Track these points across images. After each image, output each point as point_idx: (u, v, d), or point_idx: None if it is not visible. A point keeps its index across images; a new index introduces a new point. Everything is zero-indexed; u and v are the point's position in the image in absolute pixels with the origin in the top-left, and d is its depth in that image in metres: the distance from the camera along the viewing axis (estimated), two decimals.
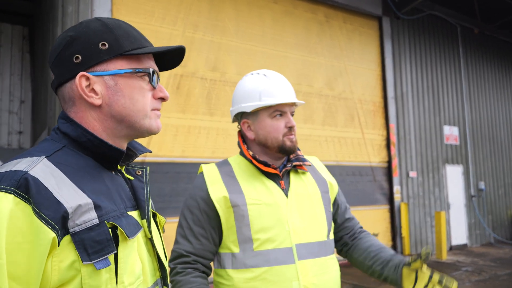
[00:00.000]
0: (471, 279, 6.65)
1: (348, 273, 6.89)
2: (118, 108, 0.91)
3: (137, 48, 0.93)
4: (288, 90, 1.57)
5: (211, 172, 1.56)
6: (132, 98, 0.92)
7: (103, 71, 0.90)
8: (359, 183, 8.45)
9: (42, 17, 8.07)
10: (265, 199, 1.48)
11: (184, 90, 6.47)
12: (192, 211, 1.50)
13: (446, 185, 9.98)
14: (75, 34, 0.91)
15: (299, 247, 1.45)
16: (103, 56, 0.89)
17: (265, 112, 1.54)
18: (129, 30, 0.95)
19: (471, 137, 10.81)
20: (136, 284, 0.88)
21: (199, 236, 1.48)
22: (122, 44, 0.91)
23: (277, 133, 1.53)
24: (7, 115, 9.01)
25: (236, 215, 1.46)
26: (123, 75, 0.91)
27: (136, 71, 0.92)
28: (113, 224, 0.84)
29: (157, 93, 0.97)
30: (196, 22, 6.69)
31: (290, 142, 1.54)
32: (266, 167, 1.53)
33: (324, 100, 8.13)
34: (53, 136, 0.92)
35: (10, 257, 0.71)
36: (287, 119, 1.54)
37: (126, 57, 0.92)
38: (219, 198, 1.48)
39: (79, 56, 0.89)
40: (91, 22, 0.93)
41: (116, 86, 0.90)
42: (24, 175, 0.76)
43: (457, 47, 10.76)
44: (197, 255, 1.48)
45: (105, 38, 0.90)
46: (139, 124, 0.94)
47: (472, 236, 10.41)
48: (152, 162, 6.03)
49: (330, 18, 8.44)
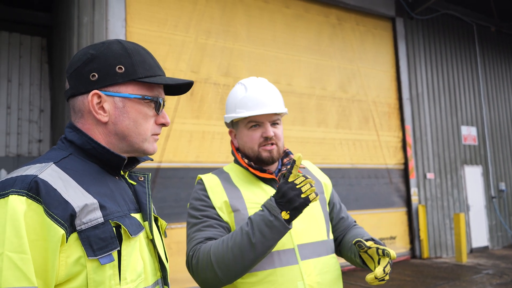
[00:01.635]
0: (492, 282, 6.51)
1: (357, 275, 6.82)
2: (121, 127, 0.98)
3: (150, 76, 1.00)
4: (266, 100, 1.56)
5: (210, 180, 1.58)
6: (136, 122, 0.99)
7: (115, 92, 0.97)
8: (375, 186, 8.37)
9: (59, 28, 8.27)
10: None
11: (198, 96, 6.53)
12: (202, 209, 1.51)
13: (465, 186, 9.80)
14: (96, 53, 0.98)
15: (301, 247, 1.48)
16: (118, 79, 0.97)
17: (242, 123, 1.59)
18: (146, 57, 1.02)
19: (490, 137, 10.60)
20: (137, 281, 0.94)
21: (216, 225, 1.47)
22: (137, 70, 0.98)
23: (252, 143, 1.56)
24: (27, 124, 9.23)
25: (237, 219, 1.48)
26: (132, 100, 0.99)
27: (145, 98, 0.99)
28: (117, 223, 0.91)
29: (159, 119, 1.04)
30: (208, 28, 6.77)
31: (266, 152, 1.55)
32: (262, 172, 1.56)
33: (337, 103, 8.10)
34: (59, 145, 1.00)
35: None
36: (263, 129, 1.55)
37: (139, 83, 0.99)
38: (221, 204, 1.50)
39: (96, 75, 0.96)
40: (112, 43, 1.01)
41: (123, 108, 0.98)
42: (34, 178, 0.83)
43: (473, 46, 10.59)
44: (216, 239, 1.44)
45: (122, 62, 0.98)
46: (138, 146, 1.01)
47: (493, 238, 10.19)
48: (167, 168, 6.10)
49: (342, 21, 8.42)
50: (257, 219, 1.33)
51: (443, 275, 7.03)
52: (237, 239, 1.33)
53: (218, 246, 1.35)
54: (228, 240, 1.35)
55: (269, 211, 1.31)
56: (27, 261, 0.76)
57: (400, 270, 7.45)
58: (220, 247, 1.34)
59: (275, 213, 1.30)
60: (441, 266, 7.90)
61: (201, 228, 1.47)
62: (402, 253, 8.58)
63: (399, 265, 7.93)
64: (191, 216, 1.53)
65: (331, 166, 7.64)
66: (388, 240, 8.35)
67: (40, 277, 0.79)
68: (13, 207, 0.78)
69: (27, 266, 0.76)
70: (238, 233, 1.34)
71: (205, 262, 1.36)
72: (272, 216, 1.30)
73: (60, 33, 8.05)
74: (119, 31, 5.78)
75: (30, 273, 0.76)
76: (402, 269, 7.55)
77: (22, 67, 9.33)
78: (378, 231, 8.19)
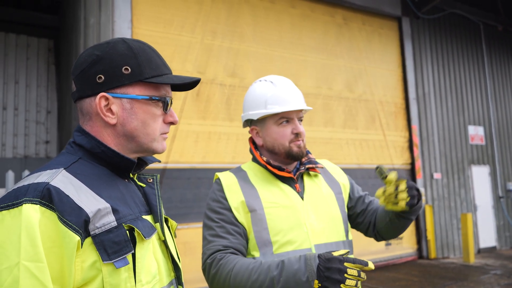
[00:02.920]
0: (500, 282, 6.46)
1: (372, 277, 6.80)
2: (130, 129, 0.98)
3: (157, 75, 0.99)
4: (294, 97, 1.58)
5: (228, 178, 1.58)
6: (144, 123, 0.99)
7: (122, 94, 0.97)
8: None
9: (66, 29, 8.32)
10: (282, 202, 1.51)
11: (204, 97, 6.54)
12: (219, 211, 1.50)
13: (472, 186, 9.73)
14: (102, 54, 0.97)
15: (318, 247, 1.47)
16: (124, 80, 0.96)
17: (271, 120, 1.57)
18: (152, 56, 1.01)
19: (497, 137, 10.52)
20: (152, 283, 0.94)
21: (233, 232, 1.46)
22: (143, 71, 0.97)
23: (284, 139, 1.56)
24: (34, 125, 9.30)
25: (254, 219, 1.48)
26: (140, 101, 0.98)
27: (153, 99, 0.99)
28: (130, 226, 0.91)
29: (167, 118, 1.04)
30: (214, 29, 6.78)
31: (297, 148, 1.56)
32: (281, 171, 1.56)
33: (344, 102, 8.08)
34: (68, 150, 0.99)
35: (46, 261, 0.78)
36: (293, 125, 1.57)
37: (145, 83, 0.99)
38: (237, 204, 1.50)
39: (102, 77, 0.96)
40: (117, 43, 1.00)
41: (131, 109, 0.97)
42: (46, 186, 0.83)
43: (480, 45, 10.52)
44: (235, 249, 1.44)
45: (128, 63, 0.97)
46: (147, 146, 1.01)
47: (501, 238, 10.11)
48: (174, 169, 6.12)
49: (348, 20, 8.40)
50: (289, 270, 1.25)
51: (451, 276, 6.99)
52: (261, 277, 1.30)
53: (240, 270, 1.34)
54: (252, 272, 1.32)
55: (306, 269, 1.22)
56: (43, 269, 0.77)
57: (407, 271, 7.41)
58: (242, 274, 1.33)
59: (310, 276, 1.21)
60: (448, 266, 7.85)
61: (219, 233, 1.46)
62: (409, 253, 8.54)
63: (406, 266, 7.89)
64: (208, 218, 1.53)
65: (337, 166, 7.61)
66: (395, 241, 8.32)
67: (57, 284, 0.79)
68: (28, 216, 0.78)
69: (43, 275, 0.76)
70: (264, 271, 1.30)
71: (224, 279, 1.37)
72: (305, 277, 1.22)
73: (67, 35, 8.10)
74: (125, 32, 5.80)
75: (47, 281, 0.77)
76: (409, 270, 7.51)
77: (30, 69, 9.39)
78: None
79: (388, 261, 8.08)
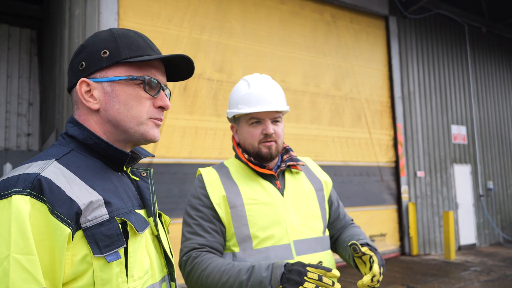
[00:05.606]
0: (480, 279, 6.60)
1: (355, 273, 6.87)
2: (113, 113, 0.95)
3: (137, 56, 0.96)
4: (268, 98, 1.57)
5: (210, 175, 1.60)
6: (127, 105, 0.95)
7: (102, 78, 0.95)
8: (367, 183, 8.42)
9: (50, 20, 8.13)
10: (263, 198, 1.53)
11: (191, 92, 6.49)
12: (198, 208, 1.53)
13: (454, 184, 9.92)
14: (85, 43, 0.98)
15: (296, 243, 1.50)
16: (102, 63, 0.94)
17: (243, 119, 1.60)
18: (135, 39, 0.98)
19: (479, 136, 10.73)
20: (145, 278, 0.92)
21: (210, 230, 1.49)
22: (121, 52, 0.95)
23: (253, 140, 1.58)
24: (15, 117, 9.09)
25: (234, 216, 1.50)
26: (119, 82, 0.95)
27: (131, 78, 0.95)
28: (123, 220, 0.89)
29: (157, 102, 0.99)
30: (203, 23, 6.71)
31: (266, 149, 1.57)
32: (262, 168, 1.58)
33: (331, 100, 8.12)
34: (60, 141, 0.97)
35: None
36: (263, 126, 1.57)
37: (125, 65, 0.96)
38: (219, 199, 1.52)
39: (83, 63, 0.95)
40: (102, 32, 1.00)
41: (112, 92, 0.95)
42: (37, 177, 0.80)
43: (464, 46, 10.70)
44: (211, 247, 1.48)
45: (107, 47, 0.95)
46: (133, 130, 0.97)
47: (480, 236, 10.34)
48: (160, 163, 6.06)
49: (336, 18, 8.43)
50: (257, 277, 1.31)
51: (432, 272, 7.11)
52: (231, 279, 1.35)
53: (212, 271, 1.40)
54: (223, 274, 1.38)
55: (271, 279, 1.29)
56: (34, 262, 0.74)
57: (389, 267, 7.51)
58: (214, 275, 1.39)
59: (273, 285, 1.28)
60: (430, 263, 8.00)
61: (197, 231, 1.50)
62: (392, 250, 8.66)
63: (389, 262, 8.00)
64: (187, 215, 1.56)
65: (323, 163, 7.67)
66: (378, 237, 8.42)
67: (47, 278, 0.77)
68: (17, 208, 0.75)
69: (34, 267, 0.74)
70: (234, 274, 1.36)
71: (197, 277, 1.43)
72: (270, 286, 1.28)
73: (51, 25, 7.92)
74: (111, 24, 5.70)
75: (38, 274, 0.74)
76: (392, 266, 7.63)
77: (11, 60, 9.17)
78: (369, 228, 8.25)
79: None
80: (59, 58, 6.38)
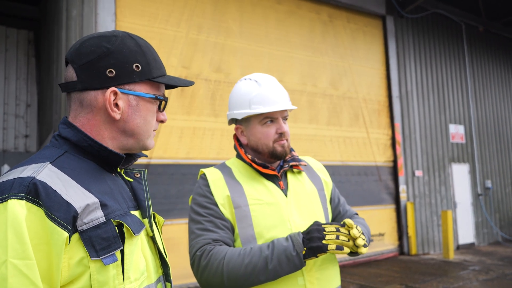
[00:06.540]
0: (479, 278, 6.61)
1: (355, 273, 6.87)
2: (132, 125, 0.98)
3: (161, 75, 1.01)
4: (279, 96, 1.58)
5: (213, 174, 1.59)
6: (146, 120, 1.00)
7: (130, 91, 0.97)
8: (365, 183, 8.42)
9: (47, 21, 8.12)
10: (267, 199, 1.53)
11: (189, 92, 6.48)
12: (207, 206, 1.51)
13: (452, 184, 9.93)
14: (112, 47, 0.95)
15: None
16: (135, 77, 0.97)
17: (255, 119, 1.58)
18: (155, 55, 1.03)
19: (477, 135, 10.75)
20: (141, 279, 0.93)
21: (222, 226, 1.48)
22: (151, 70, 0.99)
23: (268, 139, 1.57)
24: (13, 119, 9.07)
25: (239, 216, 1.49)
26: (145, 99, 0.99)
27: (158, 98, 1.01)
28: (119, 222, 0.89)
29: (159, 116, 1.06)
30: (200, 23, 6.71)
31: (280, 147, 1.57)
32: (265, 169, 1.57)
33: (328, 100, 8.12)
34: (53, 143, 0.96)
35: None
36: (277, 125, 1.57)
37: (150, 82, 1.00)
38: (223, 199, 1.51)
39: (113, 71, 0.94)
40: (125, 38, 0.99)
41: (137, 106, 0.98)
42: (32, 181, 0.79)
43: (462, 45, 10.71)
44: (224, 242, 1.46)
45: (139, 61, 0.97)
46: (143, 142, 1.02)
47: (479, 235, 10.35)
48: (157, 164, 6.05)
49: (333, 18, 8.43)
50: (280, 248, 1.38)
51: (431, 271, 7.12)
52: (254, 258, 1.38)
53: (233, 257, 1.39)
54: (245, 256, 1.39)
55: (294, 245, 1.37)
56: (32, 267, 0.74)
57: (388, 267, 7.52)
58: (235, 260, 1.39)
59: (298, 249, 1.36)
60: (428, 262, 8.00)
61: (208, 227, 1.47)
62: (391, 249, 8.66)
63: (388, 262, 8.00)
64: (195, 212, 1.53)
65: (321, 163, 7.65)
66: (376, 237, 8.42)
67: (45, 282, 0.77)
68: (14, 212, 0.75)
69: (32, 272, 0.74)
70: (256, 253, 1.39)
71: (216, 267, 1.40)
72: (295, 251, 1.36)
73: (48, 26, 7.90)
74: (109, 25, 5.69)
75: (36, 279, 0.74)
76: (391, 265, 7.63)
77: (8, 61, 9.14)
78: None
79: (370, 257, 8.18)
80: (57, 59, 6.37)
